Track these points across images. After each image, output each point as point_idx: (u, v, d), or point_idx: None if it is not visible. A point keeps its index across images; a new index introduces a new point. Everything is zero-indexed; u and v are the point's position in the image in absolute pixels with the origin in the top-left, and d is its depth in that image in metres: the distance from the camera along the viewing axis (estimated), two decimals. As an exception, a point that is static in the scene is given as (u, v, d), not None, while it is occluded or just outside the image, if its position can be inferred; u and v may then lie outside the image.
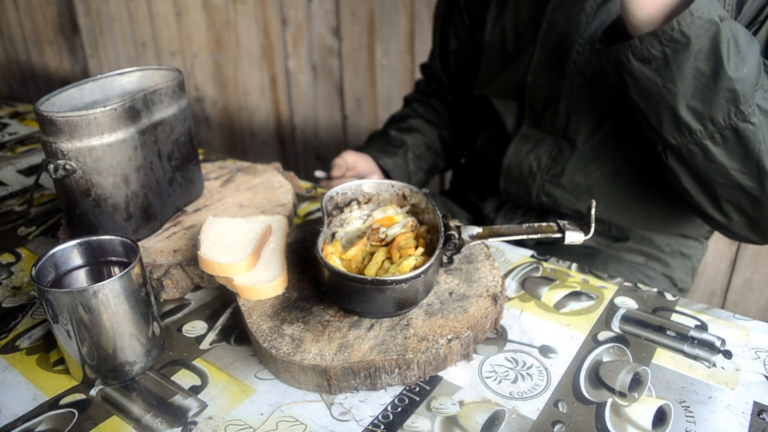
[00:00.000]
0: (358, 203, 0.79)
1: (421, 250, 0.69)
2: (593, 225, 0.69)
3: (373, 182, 0.79)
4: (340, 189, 0.78)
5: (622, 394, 0.60)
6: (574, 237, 0.70)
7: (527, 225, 0.72)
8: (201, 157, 1.14)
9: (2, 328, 0.71)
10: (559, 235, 0.70)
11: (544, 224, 0.72)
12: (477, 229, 0.72)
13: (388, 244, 0.71)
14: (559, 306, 0.74)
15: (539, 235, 0.71)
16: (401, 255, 0.68)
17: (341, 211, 0.79)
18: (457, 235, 0.70)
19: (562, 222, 0.72)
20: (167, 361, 0.66)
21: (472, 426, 0.57)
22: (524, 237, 0.71)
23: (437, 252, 0.65)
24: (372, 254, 0.70)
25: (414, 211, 0.78)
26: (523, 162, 1.03)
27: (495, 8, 1.04)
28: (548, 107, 0.98)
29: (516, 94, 1.03)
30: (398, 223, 0.75)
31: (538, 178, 1.03)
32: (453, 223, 0.72)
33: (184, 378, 0.63)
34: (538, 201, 1.05)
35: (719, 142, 0.75)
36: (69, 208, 0.76)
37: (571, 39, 0.93)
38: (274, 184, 0.96)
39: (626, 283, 0.78)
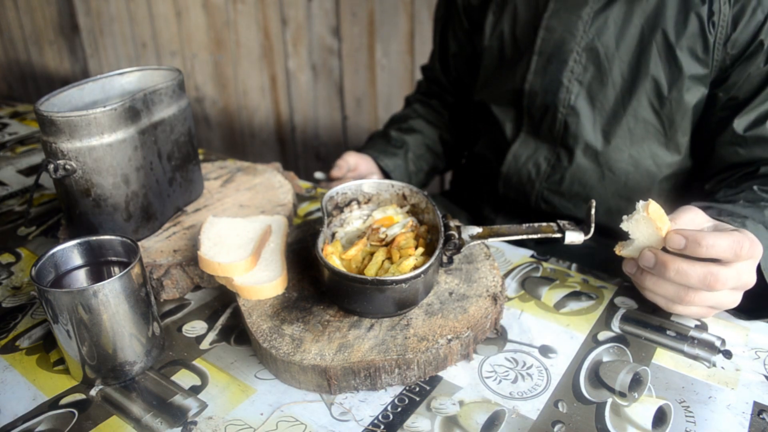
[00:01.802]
0: (358, 203, 0.79)
1: (421, 250, 0.69)
2: (593, 225, 0.69)
3: (373, 182, 0.79)
4: (340, 189, 0.78)
5: (622, 394, 0.60)
6: (574, 237, 0.70)
7: (527, 225, 0.72)
8: (201, 157, 1.14)
9: (2, 328, 0.71)
10: (559, 235, 0.70)
11: (544, 224, 0.72)
12: (477, 229, 0.72)
13: (388, 244, 0.71)
14: (559, 306, 0.74)
15: (539, 235, 0.71)
16: (401, 255, 0.68)
17: (341, 211, 0.78)
18: (457, 235, 0.70)
19: (562, 222, 0.72)
20: (167, 361, 0.66)
21: (472, 426, 0.57)
22: (524, 237, 0.71)
23: (437, 252, 0.65)
24: (372, 254, 0.70)
25: (414, 211, 0.78)
26: (521, 169, 1.03)
27: (493, 15, 1.04)
28: (546, 115, 0.98)
29: (514, 100, 1.02)
30: (398, 223, 0.75)
31: (537, 186, 1.03)
32: (453, 223, 0.72)
33: (184, 378, 0.63)
34: (536, 207, 1.05)
35: None
36: (69, 208, 0.76)
37: (568, 47, 0.93)
38: (274, 184, 0.96)
39: (626, 283, 0.78)
